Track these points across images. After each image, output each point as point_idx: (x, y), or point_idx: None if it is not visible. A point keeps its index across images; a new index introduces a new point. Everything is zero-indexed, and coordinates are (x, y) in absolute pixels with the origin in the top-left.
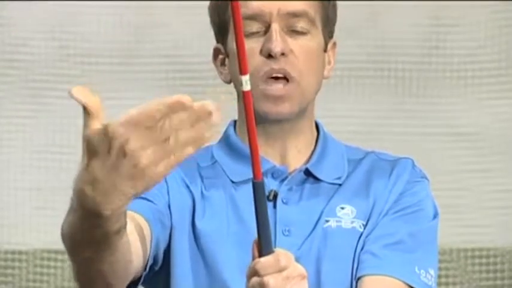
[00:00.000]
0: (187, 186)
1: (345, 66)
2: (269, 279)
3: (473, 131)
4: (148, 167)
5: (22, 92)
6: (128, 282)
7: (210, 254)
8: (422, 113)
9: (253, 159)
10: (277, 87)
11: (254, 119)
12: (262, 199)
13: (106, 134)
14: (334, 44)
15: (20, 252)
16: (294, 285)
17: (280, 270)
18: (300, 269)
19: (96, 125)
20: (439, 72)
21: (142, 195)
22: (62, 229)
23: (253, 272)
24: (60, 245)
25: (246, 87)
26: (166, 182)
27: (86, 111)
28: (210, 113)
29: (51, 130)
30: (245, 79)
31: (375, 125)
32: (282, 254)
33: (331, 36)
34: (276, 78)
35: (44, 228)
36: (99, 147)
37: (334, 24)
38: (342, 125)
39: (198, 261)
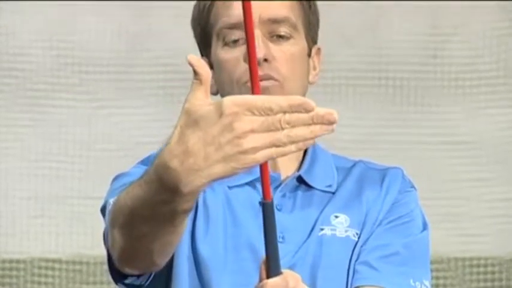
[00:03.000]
0: None
1: (343, 75)
2: None
3: (472, 140)
4: (248, 151)
5: (20, 101)
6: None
7: (206, 278)
8: (420, 122)
9: (263, 179)
10: (262, 83)
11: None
12: (271, 219)
13: (219, 106)
14: (319, 49)
15: (18, 261)
16: None
17: None
18: None
19: (202, 95)
20: (437, 81)
21: None
22: (120, 202)
23: None
24: (57, 254)
25: None
26: None
27: (197, 79)
28: (333, 122)
29: (49, 139)
30: None
31: (373, 134)
32: (290, 276)
33: (315, 42)
34: (261, 81)
35: (41, 237)
36: (204, 118)
37: (317, 30)
38: (340, 134)
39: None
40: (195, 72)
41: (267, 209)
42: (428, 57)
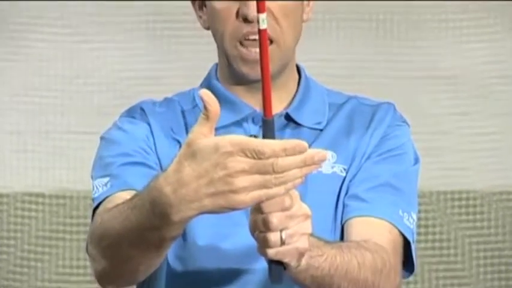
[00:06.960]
0: (175, 138)
1: (327, 10)
2: (272, 217)
3: (454, 74)
4: (238, 191)
5: (1, 35)
6: None
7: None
8: (402, 56)
9: (265, 96)
10: (256, 51)
11: (268, 57)
12: (271, 137)
13: (216, 142)
14: None
15: (1, 196)
16: (297, 224)
17: (284, 209)
18: (304, 208)
19: (207, 130)
20: (420, 15)
21: (138, 160)
22: (108, 224)
23: (257, 209)
24: (40, 188)
25: (263, 25)
26: (153, 136)
27: (205, 115)
28: (322, 161)
29: (31, 73)
30: (262, 17)
31: (355, 68)
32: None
33: None
34: (254, 39)
35: (24, 172)
36: (202, 151)
37: None
38: (323, 69)
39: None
40: (205, 108)
41: (267, 127)
42: None
